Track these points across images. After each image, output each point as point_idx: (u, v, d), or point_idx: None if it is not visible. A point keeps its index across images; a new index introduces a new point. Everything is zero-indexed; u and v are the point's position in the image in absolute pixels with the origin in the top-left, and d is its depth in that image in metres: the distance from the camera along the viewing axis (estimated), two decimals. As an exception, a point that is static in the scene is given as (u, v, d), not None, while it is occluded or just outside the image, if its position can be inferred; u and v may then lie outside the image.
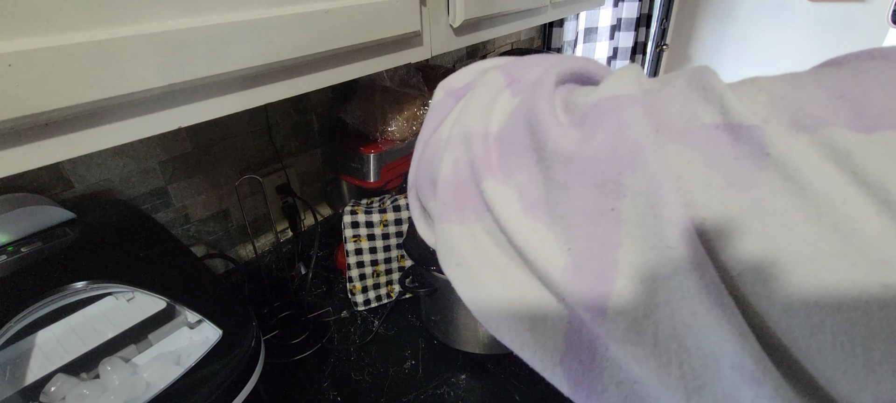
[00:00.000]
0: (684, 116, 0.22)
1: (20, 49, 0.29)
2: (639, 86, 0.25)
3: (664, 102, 0.23)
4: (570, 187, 0.23)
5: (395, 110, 0.84)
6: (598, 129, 0.23)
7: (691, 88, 0.23)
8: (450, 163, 0.30)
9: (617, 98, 0.24)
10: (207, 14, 0.38)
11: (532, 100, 0.27)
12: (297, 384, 0.73)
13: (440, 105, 0.35)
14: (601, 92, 0.25)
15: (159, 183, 0.76)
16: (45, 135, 0.33)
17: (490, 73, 0.33)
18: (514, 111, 0.29)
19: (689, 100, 0.22)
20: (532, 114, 0.27)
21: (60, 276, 0.48)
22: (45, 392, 0.44)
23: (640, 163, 0.21)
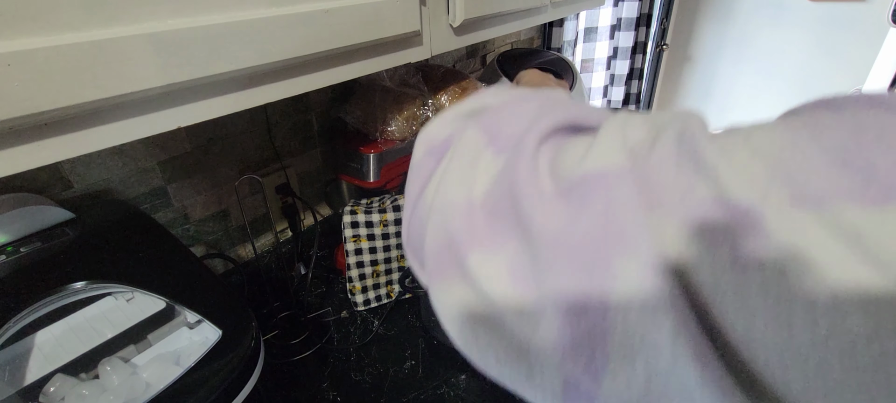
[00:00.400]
0: (678, 190, 0.21)
1: (19, 49, 0.29)
2: (625, 151, 0.24)
3: (655, 173, 0.22)
4: (557, 268, 0.22)
5: (394, 110, 0.84)
6: (585, 208, 0.23)
7: (681, 154, 0.22)
8: (433, 236, 0.29)
9: (605, 175, 0.23)
10: (207, 13, 0.38)
11: (514, 168, 0.26)
12: (297, 384, 0.73)
13: (422, 165, 0.33)
14: (589, 164, 0.24)
15: (159, 183, 0.76)
16: (45, 135, 0.33)
17: (468, 133, 0.31)
18: (498, 176, 0.27)
19: (682, 171, 0.21)
20: (515, 187, 0.25)
21: (60, 276, 0.48)
22: (44, 393, 0.44)
23: (631, 245, 0.20)
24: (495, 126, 0.31)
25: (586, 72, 2.17)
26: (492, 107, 0.33)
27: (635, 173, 0.22)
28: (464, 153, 0.30)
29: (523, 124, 0.29)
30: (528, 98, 0.33)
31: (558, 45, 1.72)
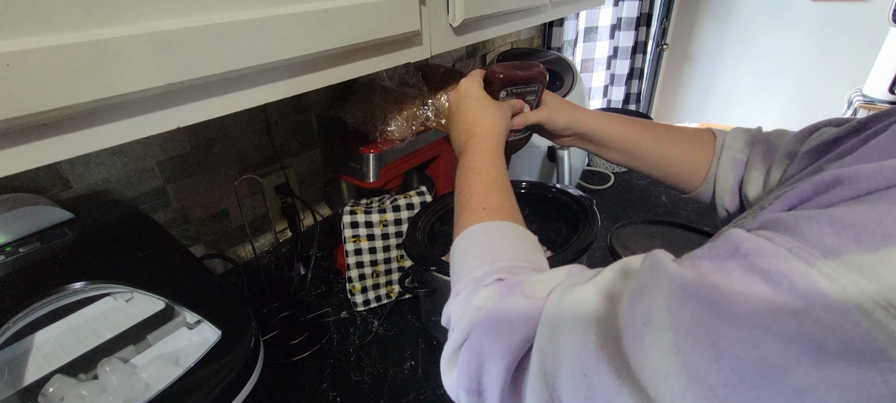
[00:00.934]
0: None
1: (18, 49, 0.29)
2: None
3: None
4: None
5: (394, 110, 0.84)
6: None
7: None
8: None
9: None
10: (206, 13, 0.38)
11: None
12: (297, 384, 0.73)
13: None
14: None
15: (158, 183, 0.76)
16: (43, 135, 0.33)
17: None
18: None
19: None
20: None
21: (58, 277, 0.48)
22: (43, 393, 0.44)
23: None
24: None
25: (586, 72, 2.17)
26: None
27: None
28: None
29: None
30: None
31: (558, 44, 1.72)
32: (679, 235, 1.04)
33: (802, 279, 0.21)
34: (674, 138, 0.61)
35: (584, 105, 1.19)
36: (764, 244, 0.23)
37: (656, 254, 0.28)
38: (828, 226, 0.22)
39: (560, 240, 0.89)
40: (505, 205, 0.45)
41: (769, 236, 0.24)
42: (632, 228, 1.07)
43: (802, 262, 0.21)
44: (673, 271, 0.25)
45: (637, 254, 0.30)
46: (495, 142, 0.53)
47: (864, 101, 2.02)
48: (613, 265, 0.30)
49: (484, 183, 0.47)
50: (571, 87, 1.15)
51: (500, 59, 1.18)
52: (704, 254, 0.26)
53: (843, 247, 0.21)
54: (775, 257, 0.22)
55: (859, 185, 0.23)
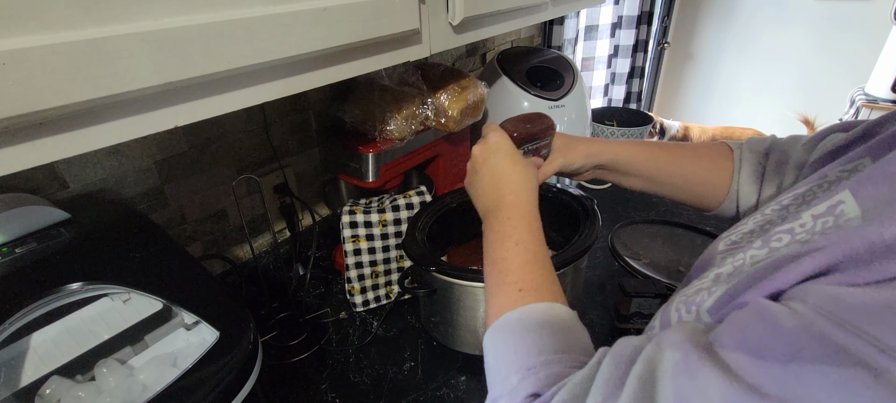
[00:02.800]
0: None
1: (14, 47, 0.29)
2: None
3: None
4: None
5: (393, 109, 0.84)
6: None
7: None
8: None
9: None
10: (203, 12, 0.38)
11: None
12: (296, 385, 0.73)
13: None
14: None
15: (155, 183, 0.76)
16: (40, 135, 0.33)
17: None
18: None
19: None
20: None
21: (55, 277, 0.47)
22: (40, 395, 0.44)
23: None
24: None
25: (587, 71, 2.17)
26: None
27: None
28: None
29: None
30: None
31: (559, 43, 1.72)
32: (680, 235, 1.04)
33: (882, 388, 0.18)
34: (691, 157, 0.60)
35: (585, 104, 1.19)
36: (832, 338, 0.20)
37: (686, 349, 0.25)
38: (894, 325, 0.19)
39: (561, 240, 0.88)
40: (544, 283, 0.41)
41: (825, 330, 0.21)
42: (633, 228, 1.07)
43: (884, 360, 0.19)
44: (720, 388, 0.22)
45: (649, 336, 0.28)
46: (532, 204, 0.49)
47: (867, 100, 2.02)
48: (636, 370, 0.27)
49: (521, 255, 0.43)
50: (572, 86, 1.15)
51: (499, 59, 1.17)
52: (746, 350, 0.23)
53: None
54: (848, 366, 0.19)
55: None
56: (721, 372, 0.22)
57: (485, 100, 0.99)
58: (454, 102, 0.90)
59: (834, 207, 0.29)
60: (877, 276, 0.21)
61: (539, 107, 1.11)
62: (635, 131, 1.37)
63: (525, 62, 1.17)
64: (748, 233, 0.39)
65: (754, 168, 0.56)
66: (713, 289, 0.32)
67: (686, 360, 0.24)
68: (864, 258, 0.22)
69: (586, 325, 0.39)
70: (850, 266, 0.23)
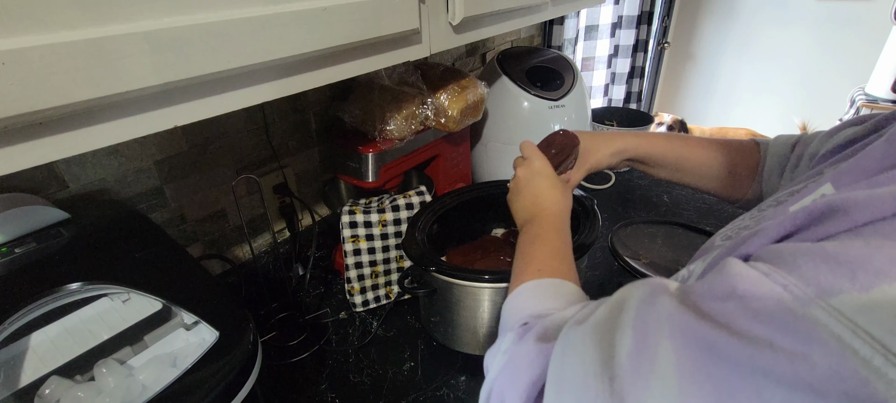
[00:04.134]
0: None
1: (13, 47, 0.29)
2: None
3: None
4: None
5: (393, 109, 0.84)
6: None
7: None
8: None
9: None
10: (203, 12, 0.38)
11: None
12: (295, 386, 0.73)
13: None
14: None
15: (155, 182, 0.76)
16: (39, 135, 0.33)
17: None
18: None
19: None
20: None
21: (55, 277, 0.47)
22: (39, 395, 0.44)
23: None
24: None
25: (587, 71, 2.17)
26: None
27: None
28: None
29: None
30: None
31: (559, 43, 1.71)
32: (681, 235, 1.04)
33: (801, 324, 0.20)
34: (719, 150, 0.63)
35: (585, 104, 1.19)
36: (760, 283, 0.23)
37: (655, 285, 0.28)
38: (823, 263, 0.21)
39: (560, 240, 0.88)
40: (561, 268, 0.46)
41: (766, 271, 0.23)
42: (633, 228, 1.07)
43: (798, 302, 0.21)
44: (673, 310, 0.25)
45: (634, 283, 0.31)
46: (563, 218, 0.55)
47: (867, 100, 2.02)
48: (610, 300, 0.31)
49: (546, 250, 0.49)
50: (572, 86, 1.15)
51: (499, 59, 1.17)
52: (704, 292, 0.25)
53: (837, 287, 0.20)
54: (771, 299, 0.22)
55: (853, 217, 0.23)
56: (675, 300, 0.26)
57: (485, 100, 0.98)
58: (454, 102, 0.90)
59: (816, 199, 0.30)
60: (818, 236, 0.24)
61: (539, 107, 1.10)
62: (635, 131, 1.37)
63: (525, 62, 1.17)
64: (743, 229, 0.39)
65: (779, 161, 0.57)
66: (694, 269, 0.34)
67: (652, 293, 0.28)
68: (809, 223, 0.25)
69: None
70: (798, 233, 0.26)
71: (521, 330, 0.38)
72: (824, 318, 0.20)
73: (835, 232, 0.23)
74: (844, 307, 0.20)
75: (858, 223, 0.22)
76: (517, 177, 0.61)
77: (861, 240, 0.21)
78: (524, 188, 0.59)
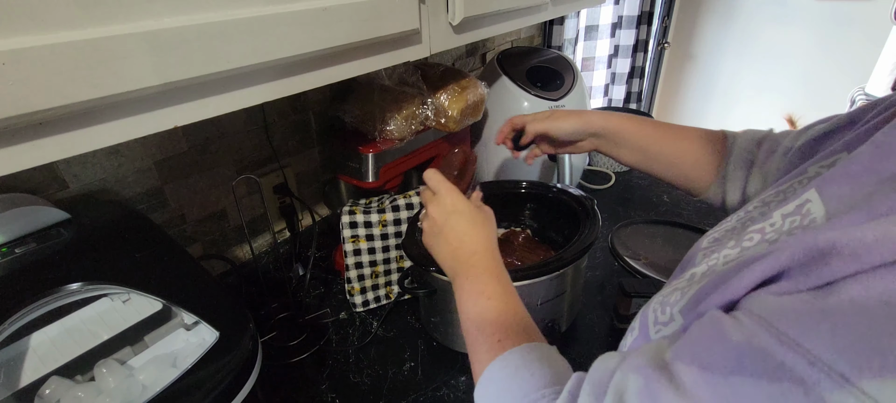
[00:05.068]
0: None
1: (13, 47, 0.29)
2: None
3: None
4: None
5: (393, 109, 0.84)
6: None
7: None
8: None
9: None
10: (203, 12, 0.38)
11: None
12: (295, 386, 0.73)
13: None
14: None
15: (155, 183, 0.76)
16: (39, 135, 0.33)
17: None
18: None
19: None
20: None
21: (55, 277, 0.47)
22: (39, 395, 0.44)
23: None
24: None
25: (587, 71, 2.17)
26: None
27: None
28: None
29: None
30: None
31: (559, 43, 1.71)
32: (680, 235, 1.04)
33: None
34: (684, 136, 0.62)
35: (585, 104, 1.19)
36: (770, 357, 0.21)
37: (649, 375, 0.26)
38: (842, 335, 0.19)
39: (561, 240, 0.88)
40: (518, 327, 0.44)
41: (765, 344, 0.21)
42: (633, 228, 1.07)
43: (825, 388, 0.19)
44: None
45: (621, 368, 0.29)
46: (495, 259, 0.50)
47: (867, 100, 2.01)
48: (607, 398, 0.28)
49: (495, 308, 0.45)
50: (572, 86, 1.15)
51: (499, 59, 1.17)
52: (699, 365, 0.24)
53: (865, 368, 0.18)
54: (789, 382, 0.20)
55: (863, 258, 0.20)
56: (676, 393, 0.24)
57: (485, 100, 0.98)
58: (454, 102, 0.90)
59: (801, 206, 0.29)
60: (815, 282, 0.21)
61: (539, 107, 1.10)
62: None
63: (525, 62, 1.17)
64: (729, 231, 0.39)
65: (745, 156, 0.56)
66: (686, 290, 0.32)
67: (648, 385, 0.25)
68: (806, 263, 0.22)
69: (586, 325, 0.40)
70: (795, 271, 0.23)
71: None
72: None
73: (839, 276, 0.21)
74: (879, 393, 0.17)
75: (866, 267, 0.20)
76: (431, 217, 0.55)
77: (876, 295, 0.19)
78: (443, 231, 0.53)
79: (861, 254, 0.20)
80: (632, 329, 0.39)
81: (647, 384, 0.25)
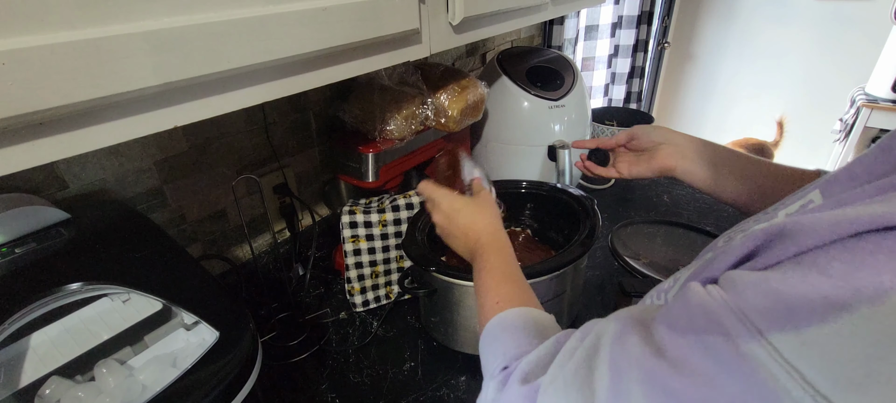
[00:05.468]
0: None
1: (13, 47, 0.28)
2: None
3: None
4: None
5: (393, 109, 0.84)
6: None
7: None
8: None
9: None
10: (203, 12, 0.37)
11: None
12: (295, 386, 0.73)
13: None
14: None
15: (155, 183, 0.76)
16: (39, 135, 0.33)
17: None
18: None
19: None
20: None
21: (55, 277, 0.47)
22: (39, 395, 0.44)
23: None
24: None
25: (587, 71, 2.17)
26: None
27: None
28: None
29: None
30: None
31: (559, 43, 1.71)
32: (680, 235, 1.04)
33: (743, 363, 0.22)
34: (782, 178, 0.59)
35: (585, 104, 1.19)
36: (713, 314, 0.24)
37: (625, 321, 0.29)
38: (767, 298, 0.22)
39: (561, 240, 0.88)
40: (514, 292, 0.49)
41: (723, 302, 0.24)
42: (633, 228, 1.07)
43: (743, 338, 0.22)
44: (639, 353, 0.26)
45: (607, 318, 0.32)
46: (498, 238, 0.57)
47: (867, 100, 2.02)
48: (586, 339, 0.32)
49: (495, 278, 0.51)
50: (572, 86, 1.15)
51: (499, 59, 1.17)
52: (668, 324, 0.26)
53: (776, 324, 0.21)
54: (720, 333, 0.23)
55: (799, 241, 0.23)
56: (641, 338, 0.27)
57: (485, 100, 0.98)
58: (454, 102, 0.90)
59: (805, 206, 0.30)
60: (766, 262, 0.24)
61: (539, 107, 1.10)
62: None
63: (525, 62, 1.17)
64: (740, 232, 0.39)
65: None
66: (679, 277, 0.34)
67: (622, 330, 0.29)
68: (765, 245, 0.25)
69: None
70: (758, 253, 0.26)
71: (502, 376, 0.39)
72: (764, 357, 0.21)
73: (783, 258, 0.23)
74: (782, 346, 0.20)
75: (802, 248, 0.22)
76: (438, 224, 0.62)
77: (799, 273, 0.22)
78: (450, 231, 0.61)
79: (798, 238, 0.23)
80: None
81: (622, 329, 0.29)
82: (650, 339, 0.27)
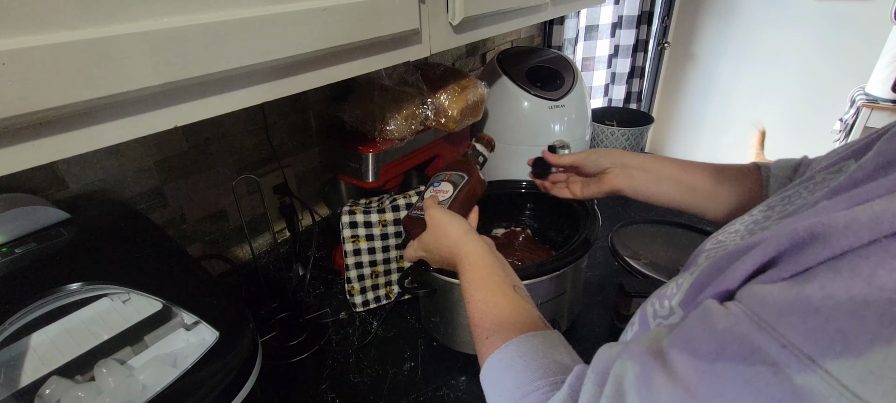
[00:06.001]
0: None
1: (13, 47, 0.29)
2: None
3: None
4: None
5: (393, 109, 0.84)
6: None
7: None
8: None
9: None
10: (203, 12, 0.38)
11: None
12: (295, 386, 0.73)
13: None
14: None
15: (155, 182, 0.76)
16: (40, 135, 0.33)
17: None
18: None
19: None
20: None
21: (55, 277, 0.47)
22: (39, 395, 0.44)
23: None
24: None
25: (587, 71, 2.16)
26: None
27: None
28: None
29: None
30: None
31: (559, 43, 1.71)
32: (681, 235, 1.04)
33: (797, 398, 0.19)
34: (721, 176, 0.61)
35: (585, 104, 1.19)
36: (751, 341, 0.22)
37: (645, 361, 0.27)
38: (806, 318, 0.20)
39: (561, 240, 0.88)
40: (504, 320, 0.46)
41: (756, 325, 0.22)
42: (633, 228, 1.07)
43: (794, 369, 0.20)
44: (668, 399, 0.24)
45: (621, 357, 0.30)
46: (478, 257, 0.54)
47: (867, 100, 2.01)
48: (606, 384, 0.29)
49: (479, 311, 0.48)
50: (572, 86, 1.15)
51: (499, 59, 1.17)
52: (689, 352, 0.24)
53: (829, 350, 0.19)
54: (761, 361, 0.21)
55: (832, 245, 0.21)
56: (668, 378, 0.25)
57: (485, 100, 0.98)
58: (454, 102, 0.90)
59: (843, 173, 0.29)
60: (794, 269, 0.22)
61: (539, 107, 1.11)
62: (635, 131, 1.37)
63: (525, 62, 1.17)
64: (734, 233, 0.39)
65: (782, 183, 0.56)
66: (682, 283, 0.33)
67: (644, 371, 0.26)
68: (789, 251, 0.23)
69: (586, 325, 0.40)
70: (781, 259, 0.23)
71: None
72: (824, 390, 0.19)
73: (813, 263, 0.21)
74: (843, 375, 0.18)
75: (837, 252, 0.20)
76: (423, 244, 0.61)
77: (841, 284, 0.20)
78: (433, 248, 0.60)
79: (831, 240, 0.21)
80: (632, 323, 0.40)
81: (643, 370, 0.26)
82: (676, 377, 0.24)
